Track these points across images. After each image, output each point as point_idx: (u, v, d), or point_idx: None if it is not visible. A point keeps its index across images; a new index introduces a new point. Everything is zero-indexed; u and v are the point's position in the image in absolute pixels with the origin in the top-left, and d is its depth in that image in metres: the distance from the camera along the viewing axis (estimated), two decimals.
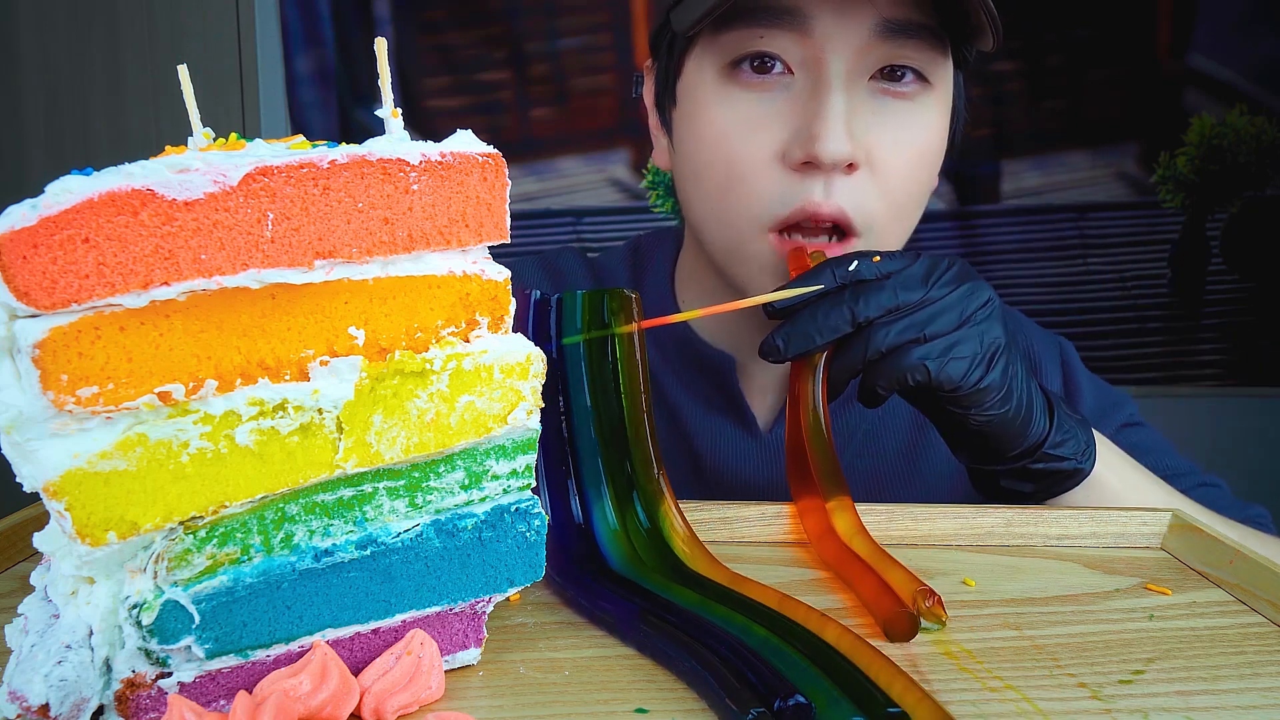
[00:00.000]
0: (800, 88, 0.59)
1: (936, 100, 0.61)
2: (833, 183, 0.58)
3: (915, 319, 0.51)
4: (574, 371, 0.50)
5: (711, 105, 0.61)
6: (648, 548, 0.48)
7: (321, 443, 0.35)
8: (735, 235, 0.62)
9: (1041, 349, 0.77)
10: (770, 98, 0.59)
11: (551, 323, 0.51)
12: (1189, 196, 1.90)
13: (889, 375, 0.51)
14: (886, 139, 0.59)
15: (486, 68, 1.91)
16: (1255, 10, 1.84)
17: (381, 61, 0.35)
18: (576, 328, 0.51)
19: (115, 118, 1.92)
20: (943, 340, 0.51)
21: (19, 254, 0.28)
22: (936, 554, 0.53)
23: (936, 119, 0.62)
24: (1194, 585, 0.49)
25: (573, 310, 0.51)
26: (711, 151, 0.61)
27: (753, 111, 0.59)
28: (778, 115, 0.59)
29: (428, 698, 0.37)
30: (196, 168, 0.30)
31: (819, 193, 0.58)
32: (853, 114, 0.58)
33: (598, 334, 0.50)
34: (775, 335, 0.52)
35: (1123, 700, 0.38)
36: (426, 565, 0.38)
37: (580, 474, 0.50)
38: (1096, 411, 0.74)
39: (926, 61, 0.60)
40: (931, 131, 0.61)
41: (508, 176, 0.36)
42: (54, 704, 0.32)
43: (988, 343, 0.52)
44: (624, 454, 0.50)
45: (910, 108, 0.60)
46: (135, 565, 0.33)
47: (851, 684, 0.36)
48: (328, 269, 0.33)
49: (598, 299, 0.51)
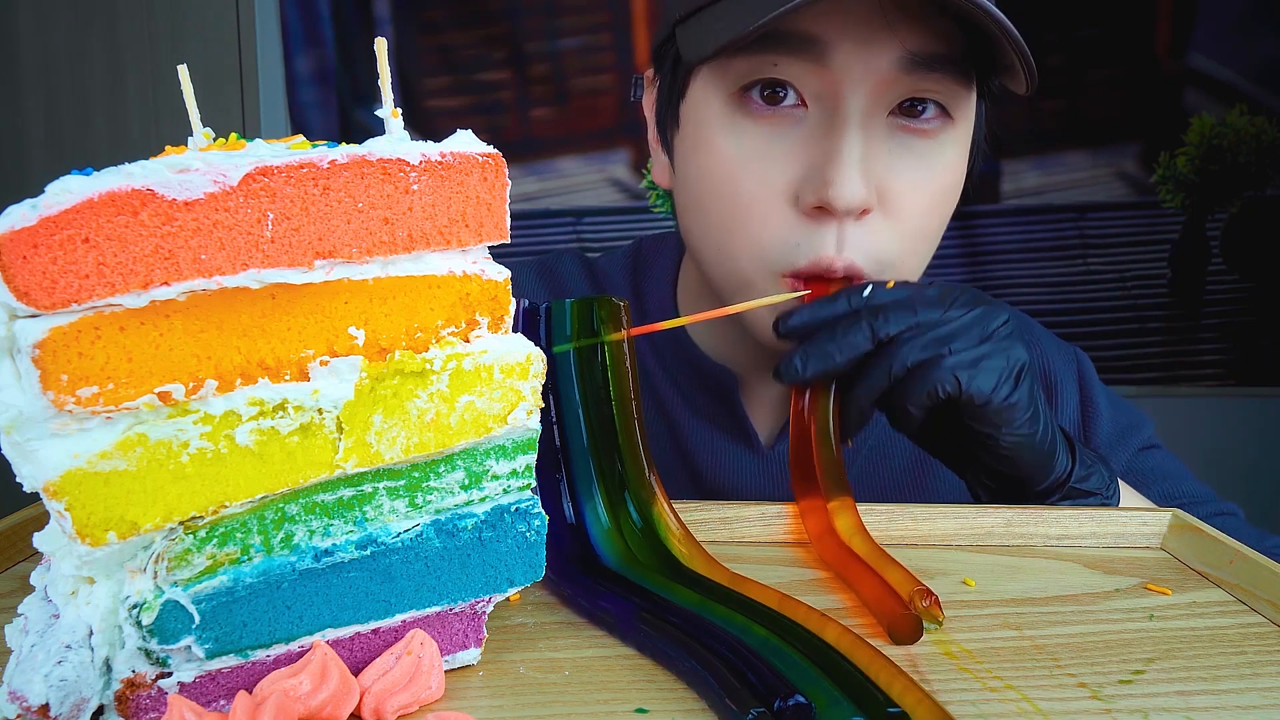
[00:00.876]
0: (814, 123, 0.56)
1: (958, 135, 0.58)
2: (845, 232, 0.55)
3: (938, 334, 0.50)
4: (564, 378, 0.50)
5: (718, 135, 0.58)
6: (643, 547, 0.48)
7: (321, 443, 0.35)
8: (742, 273, 0.59)
9: (1059, 365, 0.75)
10: (782, 133, 0.56)
11: (541, 332, 0.51)
12: (1189, 196, 1.90)
13: (919, 389, 0.50)
14: (904, 179, 0.56)
15: (486, 68, 1.91)
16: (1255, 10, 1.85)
17: (381, 61, 0.35)
18: (566, 336, 0.50)
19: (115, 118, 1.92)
20: (970, 353, 0.50)
21: (19, 254, 0.28)
22: (936, 554, 0.53)
23: (956, 156, 0.59)
24: (1194, 585, 0.49)
25: (562, 319, 0.51)
26: (717, 184, 0.58)
27: (762, 146, 0.56)
28: (789, 152, 0.56)
29: (428, 698, 0.37)
30: (196, 168, 0.30)
31: (831, 246, 0.55)
32: (869, 154, 0.55)
33: (587, 342, 0.50)
34: (794, 356, 0.51)
35: (1123, 700, 0.38)
36: (426, 565, 0.38)
37: (572, 475, 0.50)
38: (1114, 434, 0.72)
39: (950, 95, 0.56)
40: (951, 170, 0.59)
41: (508, 176, 0.36)
42: (54, 704, 0.32)
43: (1013, 359, 0.51)
44: (614, 456, 0.50)
45: (929, 146, 0.57)
46: (135, 565, 0.33)
47: (851, 684, 0.36)
48: (328, 269, 0.33)
49: (586, 308, 0.51)
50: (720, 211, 0.58)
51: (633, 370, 0.50)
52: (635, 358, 0.51)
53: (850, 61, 0.54)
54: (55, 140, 1.93)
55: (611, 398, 0.50)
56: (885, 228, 0.57)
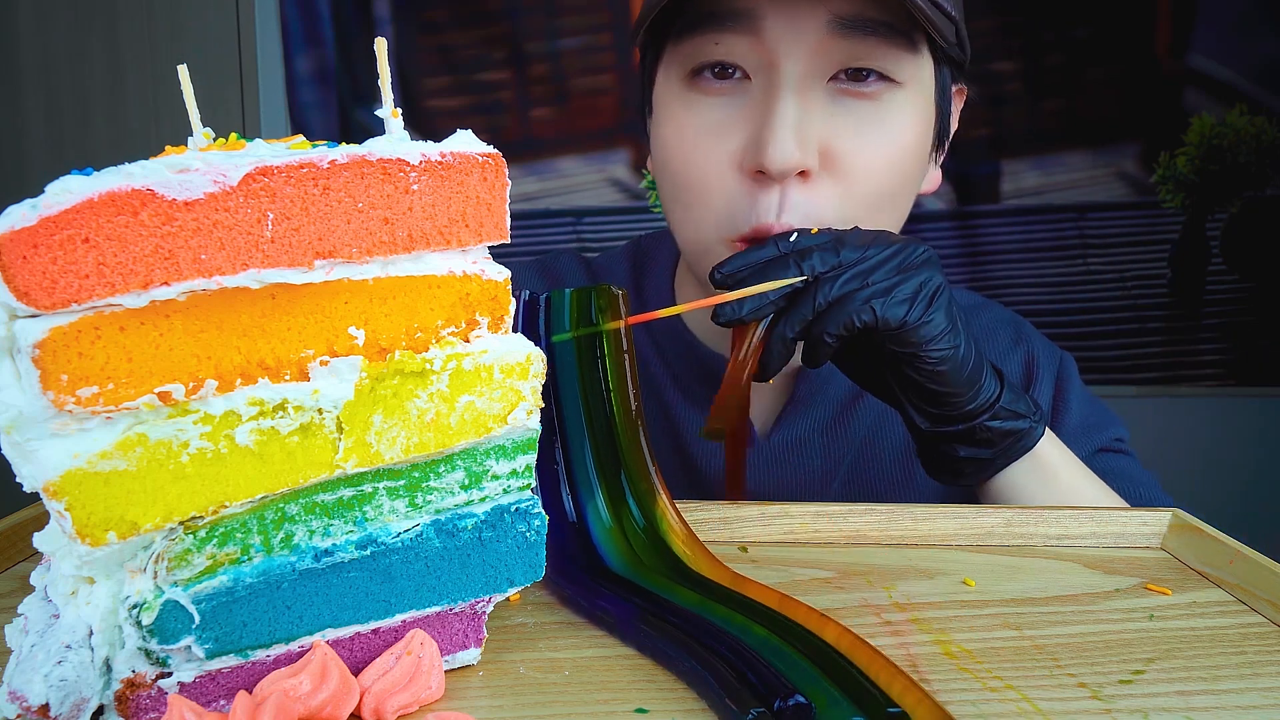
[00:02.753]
0: (756, 93, 0.58)
1: (907, 97, 0.59)
2: (787, 195, 0.57)
3: (858, 269, 0.53)
4: (564, 370, 0.50)
5: (676, 112, 0.61)
6: (645, 547, 0.48)
7: (321, 443, 0.35)
8: (699, 240, 0.62)
9: (1043, 358, 0.77)
10: (729, 102, 0.59)
11: (540, 321, 0.51)
12: (1189, 196, 1.90)
13: (837, 320, 0.52)
14: (849, 141, 0.58)
15: (486, 68, 1.91)
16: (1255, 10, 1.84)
17: (381, 61, 0.35)
18: (565, 326, 0.51)
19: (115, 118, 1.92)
20: (885, 283, 0.53)
21: (19, 254, 0.28)
22: (936, 554, 0.53)
23: (909, 116, 0.60)
24: (1194, 585, 0.49)
25: (560, 308, 0.51)
26: (674, 157, 0.61)
27: (712, 117, 0.59)
28: (734, 122, 0.59)
29: (428, 698, 0.37)
30: (196, 168, 0.30)
31: (772, 211, 0.57)
32: (807, 118, 0.57)
33: (586, 331, 0.50)
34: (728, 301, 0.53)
35: (1123, 700, 0.38)
36: (426, 565, 0.38)
37: (572, 472, 0.50)
38: (1079, 429, 0.73)
39: (891, 59, 0.58)
40: (902, 131, 0.59)
41: (508, 176, 0.36)
42: (54, 704, 0.32)
43: (927, 283, 0.53)
44: (615, 452, 0.50)
45: (874, 108, 0.58)
46: (135, 565, 0.33)
47: (851, 684, 0.36)
48: (328, 269, 0.33)
49: (585, 296, 0.51)
50: (677, 182, 0.62)
51: (632, 361, 0.51)
52: (634, 347, 0.51)
53: (781, 30, 0.57)
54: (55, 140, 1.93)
55: (611, 389, 0.50)
56: (831, 190, 0.58)
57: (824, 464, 0.72)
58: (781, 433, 0.72)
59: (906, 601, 0.47)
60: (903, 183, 0.61)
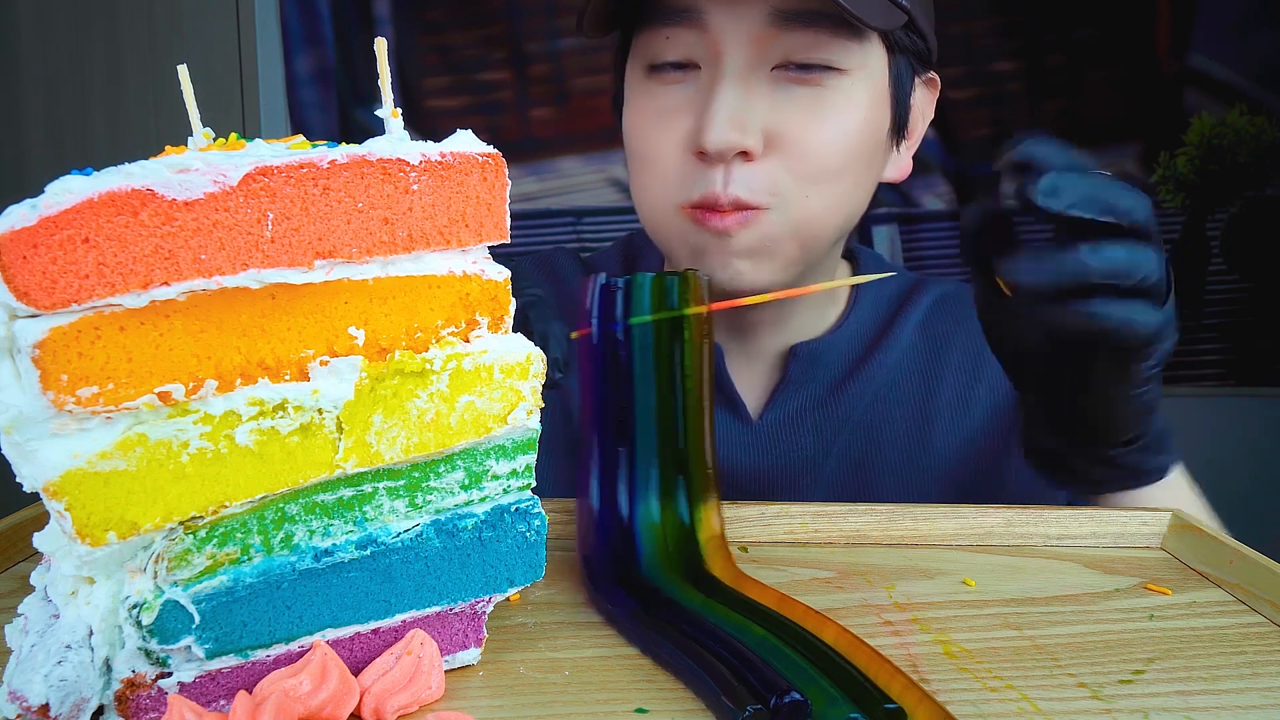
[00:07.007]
0: (703, 82, 0.62)
1: (852, 82, 0.61)
2: (731, 172, 0.60)
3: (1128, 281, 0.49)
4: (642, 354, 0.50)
5: (638, 98, 0.66)
6: (678, 544, 0.48)
7: (321, 443, 0.35)
8: (656, 212, 0.66)
9: None
10: (681, 89, 0.63)
11: (619, 306, 0.50)
12: (1189, 196, 1.90)
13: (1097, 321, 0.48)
14: (793, 123, 0.61)
15: (486, 68, 1.91)
16: (1255, 10, 1.84)
17: (381, 61, 0.35)
18: (645, 311, 0.50)
19: (115, 118, 1.92)
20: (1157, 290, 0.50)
21: (19, 254, 0.28)
22: (936, 554, 0.53)
23: (854, 101, 0.62)
24: (1194, 585, 0.49)
25: (641, 293, 0.50)
26: (635, 139, 0.66)
27: (666, 104, 0.63)
28: (684, 108, 0.63)
29: (428, 698, 0.37)
30: (196, 168, 0.30)
31: (719, 183, 0.60)
32: (747, 105, 0.60)
33: (667, 314, 0.50)
34: None
35: (1123, 700, 0.38)
36: (426, 565, 0.38)
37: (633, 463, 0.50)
38: None
39: (836, 49, 0.60)
40: (846, 112, 0.61)
41: (508, 176, 0.36)
42: (54, 704, 0.32)
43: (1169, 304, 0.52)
44: (678, 443, 0.50)
45: (818, 93, 0.61)
46: (135, 565, 0.33)
47: (850, 683, 0.36)
48: (328, 269, 0.33)
49: (666, 282, 0.50)
50: (636, 160, 0.67)
51: (710, 347, 0.50)
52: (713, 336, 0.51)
53: (724, 23, 0.60)
54: (55, 140, 1.93)
55: (686, 373, 0.50)
56: (779, 167, 0.61)
57: (816, 441, 0.72)
58: (774, 411, 0.72)
59: (907, 601, 0.47)
60: (846, 161, 0.63)
